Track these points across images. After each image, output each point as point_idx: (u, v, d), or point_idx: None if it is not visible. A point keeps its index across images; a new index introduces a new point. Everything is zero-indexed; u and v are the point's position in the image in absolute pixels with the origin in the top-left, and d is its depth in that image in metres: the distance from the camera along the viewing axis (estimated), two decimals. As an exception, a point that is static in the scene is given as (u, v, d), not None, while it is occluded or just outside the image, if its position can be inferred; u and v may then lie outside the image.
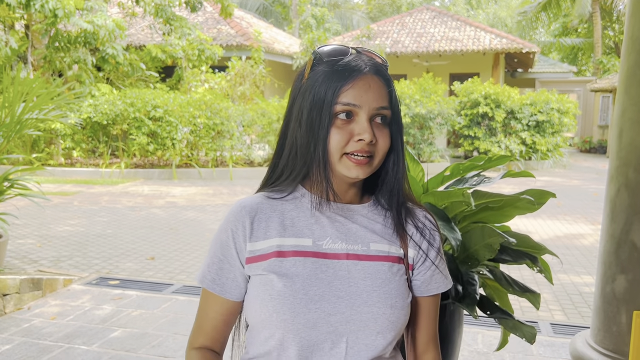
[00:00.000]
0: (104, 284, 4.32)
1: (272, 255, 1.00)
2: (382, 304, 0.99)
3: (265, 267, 0.99)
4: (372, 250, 1.02)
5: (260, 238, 1.01)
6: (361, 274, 1.00)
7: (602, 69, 20.98)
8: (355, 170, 0.96)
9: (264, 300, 0.97)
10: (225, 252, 1.02)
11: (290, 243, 1.00)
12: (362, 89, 0.96)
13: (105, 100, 10.45)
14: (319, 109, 0.97)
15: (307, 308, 0.96)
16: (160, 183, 9.96)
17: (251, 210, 1.02)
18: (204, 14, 17.27)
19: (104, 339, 3.29)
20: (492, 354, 3.13)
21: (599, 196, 9.19)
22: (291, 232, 1.01)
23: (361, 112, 0.96)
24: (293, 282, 0.97)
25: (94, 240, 5.68)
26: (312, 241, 1.01)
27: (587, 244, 5.95)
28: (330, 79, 0.97)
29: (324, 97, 0.96)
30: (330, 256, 1.00)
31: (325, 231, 1.01)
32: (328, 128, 0.96)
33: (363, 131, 0.95)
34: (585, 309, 3.98)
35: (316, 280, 0.98)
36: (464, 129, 13.12)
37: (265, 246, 1.01)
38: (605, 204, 2.24)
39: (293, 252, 1.00)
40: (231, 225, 1.02)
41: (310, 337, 0.96)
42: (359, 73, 0.97)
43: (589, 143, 19.17)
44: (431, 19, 19.17)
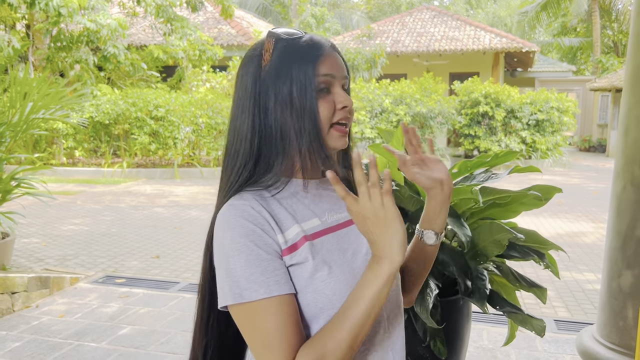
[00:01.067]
0: (110, 282, 4.35)
1: (303, 240, 0.95)
2: None
3: (303, 254, 0.94)
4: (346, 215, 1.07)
5: (285, 229, 0.95)
6: (358, 235, 1.04)
7: (601, 68, 21.03)
8: (342, 140, 0.99)
9: (317, 289, 0.92)
10: (268, 249, 0.91)
11: (307, 227, 0.98)
12: (332, 61, 0.99)
13: (107, 100, 10.48)
14: (301, 87, 0.95)
15: (355, 279, 0.94)
16: (162, 182, 9.99)
17: (259, 205, 0.95)
18: (205, 14, 17.30)
19: (112, 336, 3.32)
20: (498, 350, 3.17)
21: (599, 194, 9.24)
22: (300, 217, 0.99)
23: (336, 82, 0.99)
24: (334, 261, 0.96)
25: (99, 239, 5.71)
26: (318, 220, 1.01)
27: (589, 241, 5.99)
28: (304, 55, 0.97)
29: (305, 73, 0.96)
30: (337, 227, 1.03)
31: (321, 207, 1.03)
32: (316, 102, 0.96)
33: (344, 99, 0.98)
34: (589, 306, 4.01)
35: (344, 252, 1.00)
36: (464, 128, 13.16)
37: (293, 234, 0.95)
38: (611, 200, 2.27)
39: (313, 235, 0.98)
40: (254, 223, 0.92)
41: None
42: (323, 47, 1.00)
43: (589, 142, 19.22)
44: (431, 18, 19.21)
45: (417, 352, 2.17)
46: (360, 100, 12.59)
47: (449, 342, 2.18)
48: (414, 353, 2.19)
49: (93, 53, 11.41)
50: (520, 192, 2.09)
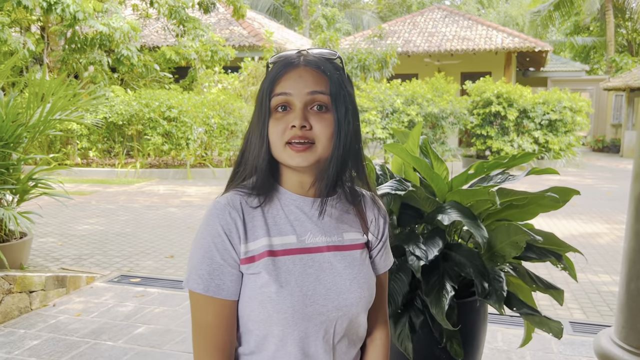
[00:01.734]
0: (125, 281, 4.39)
1: (264, 255, 1.02)
2: (362, 288, 1.08)
3: (259, 267, 1.02)
4: (346, 239, 1.10)
5: (251, 239, 1.03)
6: (342, 264, 1.07)
7: (614, 67, 20.83)
8: (297, 158, 1.00)
9: (262, 302, 1.00)
10: (224, 255, 1.02)
11: (277, 242, 1.04)
12: (292, 79, 1.01)
13: (120, 101, 10.57)
14: (259, 106, 1.04)
15: (304, 304, 1.01)
16: (175, 183, 10.05)
17: (238, 211, 1.03)
18: (217, 15, 17.38)
19: (128, 335, 3.35)
20: (513, 352, 3.16)
21: (613, 195, 9.16)
22: (275, 230, 1.05)
23: (295, 101, 1.00)
24: (288, 282, 1.01)
25: (114, 238, 5.76)
26: (296, 237, 1.05)
27: (604, 242, 5.94)
28: (267, 77, 1.04)
29: (263, 94, 1.03)
30: (313, 250, 1.06)
31: (305, 226, 1.06)
32: (266, 121, 1.02)
33: (294, 118, 0.99)
34: (604, 308, 3.99)
35: (307, 276, 1.03)
36: (476, 128, 13.10)
37: (257, 247, 1.03)
38: (630, 202, 2.26)
39: (282, 251, 1.03)
40: (223, 228, 1.02)
41: (307, 328, 1.02)
42: (290, 66, 1.02)
43: (602, 142, 19.05)
44: (442, 18, 19.15)
45: (434, 353, 2.17)
46: (371, 100, 12.58)
47: (465, 343, 2.18)
48: (430, 354, 2.20)
49: (107, 55, 11.51)
50: (537, 193, 2.08)
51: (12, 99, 4.26)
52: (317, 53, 1.07)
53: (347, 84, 1.06)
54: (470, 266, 2.00)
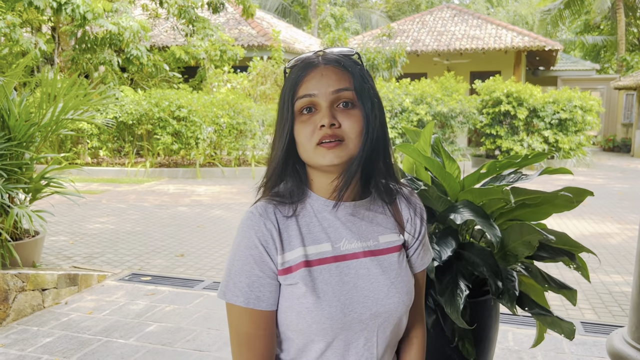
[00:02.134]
0: (136, 280, 4.41)
1: (301, 265, 1.01)
2: (400, 292, 1.06)
3: (296, 278, 1.01)
4: (382, 243, 1.07)
5: (287, 249, 1.02)
6: (379, 269, 1.05)
7: (625, 66, 20.64)
8: (329, 156, 0.97)
9: (300, 313, 1.00)
10: (263, 267, 1.01)
11: (312, 251, 1.02)
12: (314, 79, 0.99)
13: (130, 101, 10.63)
14: (282, 112, 1.02)
15: (342, 313, 1.00)
16: (184, 182, 10.10)
17: (273, 222, 1.02)
18: (226, 15, 17.43)
19: (140, 333, 3.37)
20: (524, 352, 3.15)
21: (625, 195, 9.09)
22: (310, 239, 1.03)
23: (320, 101, 0.98)
24: (325, 292, 1.00)
25: (124, 237, 5.80)
26: (330, 245, 1.03)
27: (615, 243, 5.90)
28: (288, 81, 1.03)
29: (285, 99, 1.01)
30: (349, 257, 1.04)
31: (340, 233, 1.04)
32: (291, 126, 1.00)
33: (322, 117, 0.97)
34: (616, 308, 3.96)
35: (343, 284, 1.02)
36: (485, 128, 13.04)
37: (293, 257, 1.02)
38: (643, 201, 2.24)
39: (318, 261, 1.02)
40: (260, 239, 1.00)
41: (347, 337, 1.02)
42: (310, 67, 1.01)
43: (613, 141, 18.90)
44: (452, 17, 19.08)
45: (445, 352, 2.17)
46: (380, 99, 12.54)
47: (477, 343, 2.17)
48: (441, 354, 2.19)
49: (117, 54, 11.58)
50: (551, 193, 2.07)
51: (25, 99, 4.30)
52: (334, 52, 1.05)
53: (369, 77, 1.04)
54: (483, 265, 2.00)
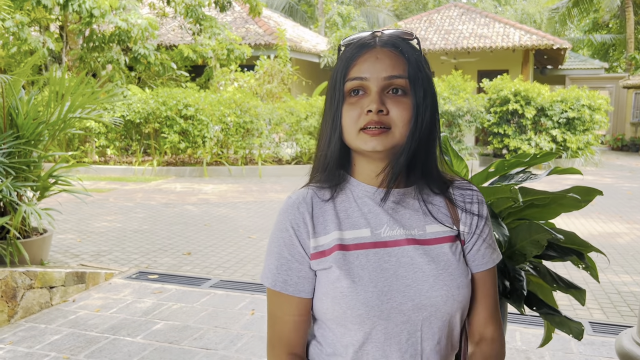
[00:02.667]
0: (143, 278, 4.43)
1: (335, 249, 0.99)
2: (449, 286, 0.98)
3: (330, 261, 0.99)
4: (429, 233, 1.01)
5: (321, 233, 1.00)
6: (424, 259, 0.99)
7: (634, 65, 20.46)
8: (372, 142, 0.94)
9: (335, 298, 0.97)
10: (292, 250, 1.01)
11: (349, 236, 0.99)
12: (368, 62, 0.96)
13: (138, 99, 10.66)
14: (332, 91, 0.99)
15: (379, 300, 0.95)
16: (191, 180, 10.12)
17: (308, 205, 1.02)
18: (233, 14, 17.45)
19: (147, 331, 3.38)
20: (532, 352, 3.13)
21: (634, 195, 9.02)
22: (347, 224, 1.00)
23: (371, 85, 0.95)
24: (361, 277, 0.96)
25: (132, 235, 5.82)
26: (370, 231, 1.00)
27: (623, 242, 5.86)
28: (341, 60, 0.99)
29: (336, 78, 0.99)
30: (390, 244, 0.99)
31: (381, 219, 1.00)
32: (340, 106, 0.97)
33: (370, 102, 0.94)
34: (625, 308, 3.93)
35: (382, 271, 0.97)
36: (493, 127, 12.98)
37: (328, 241, 1.00)
38: (653, 201, 2.22)
39: (354, 245, 0.99)
40: (291, 223, 1.01)
41: (387, 329, 0.97)
42: (366, 48, 0.97)
43: (621, 141, 18.76)
44: (459, 15, 19.01)
45: (453, 352, 2.16)
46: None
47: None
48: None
49: (124, 53, 11.62)
50: (559, 193, 2.06)
51: (33, 97, 4.32)
52: (393, 33, 1.01)
53: (425, 65, 1.00)
54: (490, 265, 1.98)
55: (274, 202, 8.01)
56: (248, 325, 3.49)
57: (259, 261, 4.99)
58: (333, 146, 1.00)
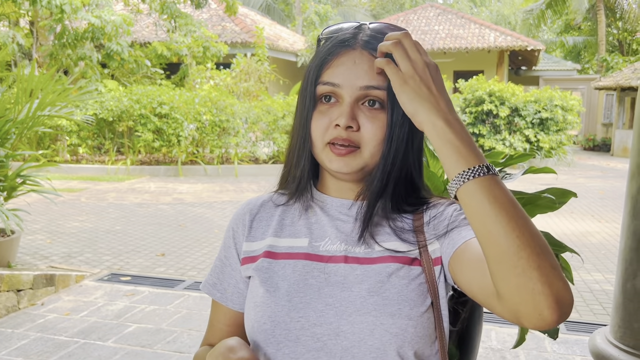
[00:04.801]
0: (115, 280, 4.33)
1: (262, 255, 0.90)
2: (379, 312, 0.80)
3: (254, 268, 0.89)
4: (377, 251, 0.86)
5: (258, 238, 0.92)
6: (358, 278, 0.83)
7: (605, 67, 20.94)
8: (337, 163, 0.83)
9: (249, 308, 0.87)
10: (227, 253, 0.95)
11: (284, 244, 0.90)
12: (344, 66, 0.82)
13: (111, 97, 10.47)
14: (304, 92, 0.86)
15: (288, 317, 0.82)
16: (166, 180, 9.98)
17: (253, 208, 0.95)
18: (209, 11, 17.28)
19: (119, 335, 3.30)
20: (507, 351, 3.14)
21: (605, 194, 9.20)
22: (288, 231, 0.91)
23: (344, 94, 0.82)
24: (277, 288, 0.84)
25: (103, 236, 5.70)
26: (308, 241, 0.88)
27: (595, 241, 5.95)
28: (317, 56, 0.86)
29: (309, 78, 0.86)
30: (325, 259, 0.86)
31: (325, 231, 0.89)
32: (309, 114, 0.85)
33: (340, 114, 0.82)
34: (597, 307, 3.99)
35: (304, 286, 0.84)
36: (468, 127, 13.10)
37: (260, 246, 0.91)
38: (626, 201, 2.24)
39: (285, 254, 0.88)
40: (233, 224, 0.96)
41: (295, 353, 0.81)
42: (345, 48, 0.83)
43: (593, 141, 19.15)
44: (436, 16, 19.16)
45: (429, 353, 2.14)
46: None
47: (460, 343, 2.15)
48: (425, 354, 2.17)
49: (97, 50, 11.40)
50: (534, 194, 2.05)
51: (0, 94, 4.19)
52: (378, 30, 0.85)
53: None
54: (466, 266, 1.98)
55: (250, 201, 7.94)
56: (223, 328, 3.43)
57: (235, 262, 4.93)
58: (304, 161, 0.88)
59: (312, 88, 0.85)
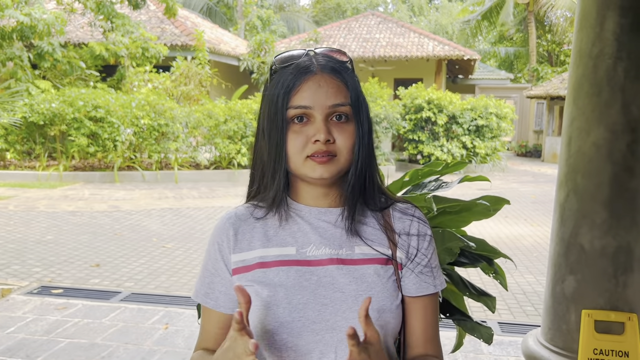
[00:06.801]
0: (46, 293, 4.12)
1: (255, 266, 0.99)
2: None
3: (249, 278, 0.99)
4: (357, 253, 0.99)
5: (245, 249, 1.01)
6: (346, 279, 0.97)
7: (536, 76, 21.99)
8: (320, 170, 0.95)
9: (252, 312, 0.95)
10: (215, 265, 1.03)
11: (273, 253, 1.00)
12: (311, 90, 0.95)
13: (42, 100, 9.99)
14: (273, 117, 0.97)
15: (290, 317, 0.95)
16: (101, 186, 9.61)
17: (236, 221, 1.03)
18: (147, 13, 16.84)
19: (49, 351, 3.14)
20: (446, 355, 3.20)
21: (537, 198, 9.63)
22: (275, 241, 1.01)
23: (315, 113, 0.95)
24: (276, 292, 0.96)
25: (33, 247, 5.41)
26: (295, 249, 0.99)
27: (528, 244, 6.21)
28: (281, 84, 0.97)
29: (277, 104, 0.96)
30: (314, 263, 0.98)
31: (309, 238, 1.00)
32: (283, 135, 0.96)
33: (317, 131, 0.94)
34: (530, 308, 4.15)
35: (300, 288, 0.96)
36: (408, 133, 13.41)
37: (249, 257, 1.00)
38: (555, 208, 2.34)
39: (276, 262, 0.99)
40: (217, 237, 1.03)
41: (297, 347, 0.94)
42: (307, 74, 0.96)
43: (525, 147, 20.04)
44: (377, 24, 19.50)
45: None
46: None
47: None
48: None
49: (27, 50, 10.86)
50: (470, 201, 2.11)
51: None
52: (329, 56, 1.00)
53: (360, 87, 1.02)
54: (406, 274, 2.00)
55: (191, 209, 7.78)
56: (161, 341, 3.33)
57: (174, 272, 4.81)
58: (279, 176, 0.98)
59: (282, 112, 0.96)
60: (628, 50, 2.11)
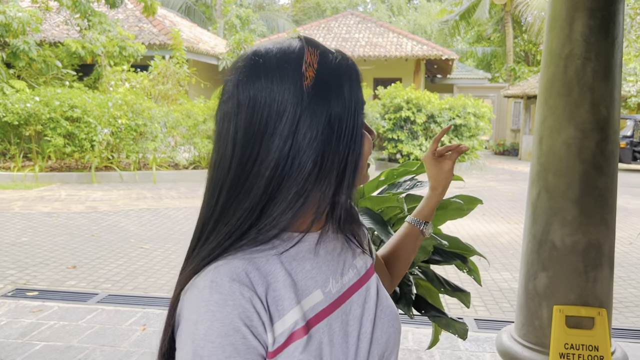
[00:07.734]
0: (20, 295, 4.06)
1: (299, 334, 0.73)
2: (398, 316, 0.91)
3: (292, 351, 0.72)
4: (361, 267, 0.89)
5: (277, 318, 0.72)
6: (372, 301, 0.87)
7: (513, 76, 22.29)
8: (367, 175, 0.86)
9: None
10: (250, 357, 0.69)
11: (305, 309, 0.76)
12: None
13: (17, 99, 9.82)
14: (354, 114, 0.77)
15: None
16: (78, 187, 9.48)
17: (250, 286, 0.70)
18: (125, 12, 16.65)
19: (23, 355, 3.09)
20: (423, 352, 3.25)
21: (514, 196, 9.77)
22: (302, 292, 0.77)
23: None
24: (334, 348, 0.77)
25: (8, 249, 5.32)
26: (321, 292, 0.79)
27: (504, 241, 6.30)
28: (353, 78, 0.80)
29: (357, 99, 0.78)
30: (341, 300, 0.82)
31: (323, 272, 0.81)
32: (360, 144, 0.78)
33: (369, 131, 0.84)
34: (506, 304, 4.22)
35: (347, 337, 0.80)
36: (387, 133, 13.49)
37: (287, 326, 0.73)
38: (527, 206, 2.39)
39: (314, 318, 0.76)
40: (241, 317, 0.68)
41: None
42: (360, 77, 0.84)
43: (503, 146, 20.30)
44: (356, 24, 19.57)
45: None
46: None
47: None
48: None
49: (1, 49, 10.66)
50: (444, 200, 2.15)
51: None
52: None
53: None
54: (381, 272, 2.03)
55: (170, 209, 7.72)
56: (138, 342, 3.30)
57: (152, 273, 4.77)
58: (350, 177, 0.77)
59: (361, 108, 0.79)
60: (596, 51, 2.16)
